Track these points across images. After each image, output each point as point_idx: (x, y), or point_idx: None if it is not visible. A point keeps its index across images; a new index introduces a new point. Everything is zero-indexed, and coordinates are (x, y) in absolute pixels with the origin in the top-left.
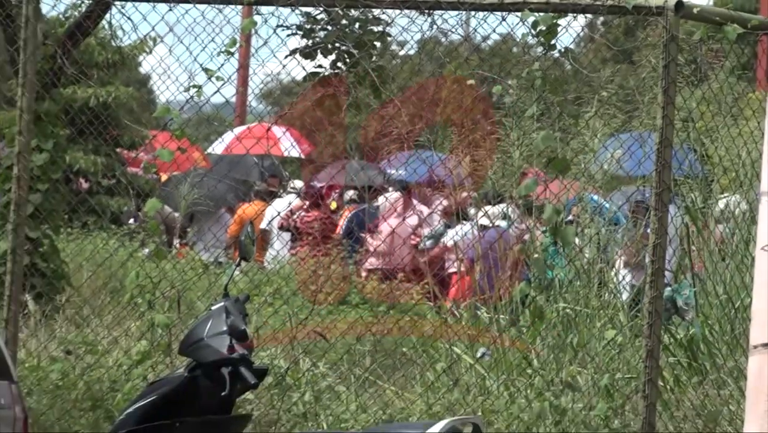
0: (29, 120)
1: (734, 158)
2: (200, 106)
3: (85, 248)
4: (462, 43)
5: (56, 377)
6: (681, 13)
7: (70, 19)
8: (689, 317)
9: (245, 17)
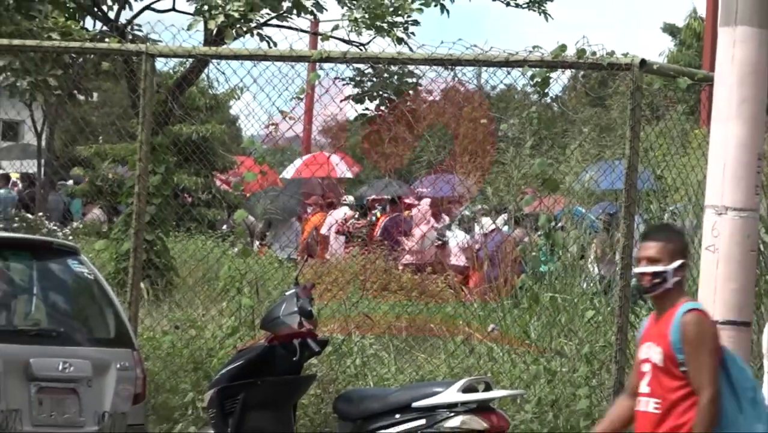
0: (147, 150)
1: (683, 179)
2: (276, 139)
3: (189, 247)
4: (476, 91)
5: (167, 346)
6: (644, 68)
7: (177, 73)
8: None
9: (311, 71)
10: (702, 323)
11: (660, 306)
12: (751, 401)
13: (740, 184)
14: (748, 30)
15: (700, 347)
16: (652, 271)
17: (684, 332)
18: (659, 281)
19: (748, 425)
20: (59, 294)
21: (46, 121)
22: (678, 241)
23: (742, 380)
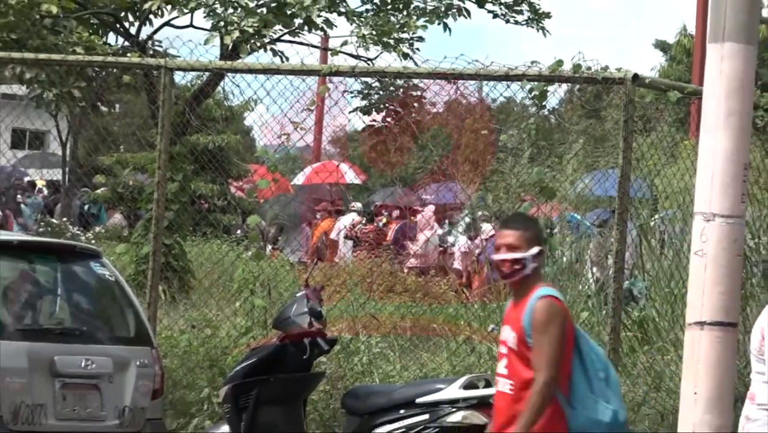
0: (165, 159)
1: (674, 187)
2: (288, 149)
3: (205, 251)
4: (478, 104)
5: (184, 344)
6: (636, 82)
7: (195, 86)
8: (642, 303)
9: (321, 84)
10: (551, 310)
11: (518, 292)
12: (602, 382)
13: (727, 192)
14: (735, 46)
15: (545, 332)
16: (512, 258)
17: (533, 317)
18: (519, 268)
19: (598, 404)
20: (82, 295)
21: (71, 131)
22: (535, 229)
23: (595, 361)
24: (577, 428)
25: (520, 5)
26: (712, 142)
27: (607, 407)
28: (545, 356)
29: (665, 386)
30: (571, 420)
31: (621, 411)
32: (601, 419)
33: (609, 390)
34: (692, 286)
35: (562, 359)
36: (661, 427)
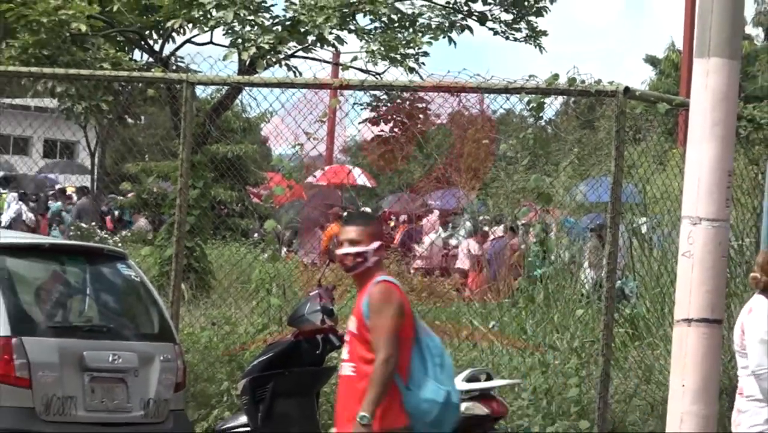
0: (187, 167)
1: (662, 193)
2: (302, 157)
3: (224, 253)
4: (479, 115)
5: (204, 340)
6: (628, 95)
7: (214, 99)
8: (633, 301)
9: (332, 97)
10: (387, 292)
11: (360, 283)
12: (438, 366)
13: (713, 197)
14: (719, 61)
15: (381, 313)
16: (355, 251)
17: (370, 301)
18: (361, 261)
19: (433, 386)
20: (109, 294)
21: (99, 142)
22: (376, 225)
23: (432, 348)
24: (412, 409)
25: (519, 24)
26: (698, 150)
27: (440, 387)
28: (383, 335)
29: (655, 378)
30: (408, 401)
31: (454, 393)
32: (436, 399)
33: (443, 374)
34: (680, 285)
35: (399, 341)
36: (651, 417)
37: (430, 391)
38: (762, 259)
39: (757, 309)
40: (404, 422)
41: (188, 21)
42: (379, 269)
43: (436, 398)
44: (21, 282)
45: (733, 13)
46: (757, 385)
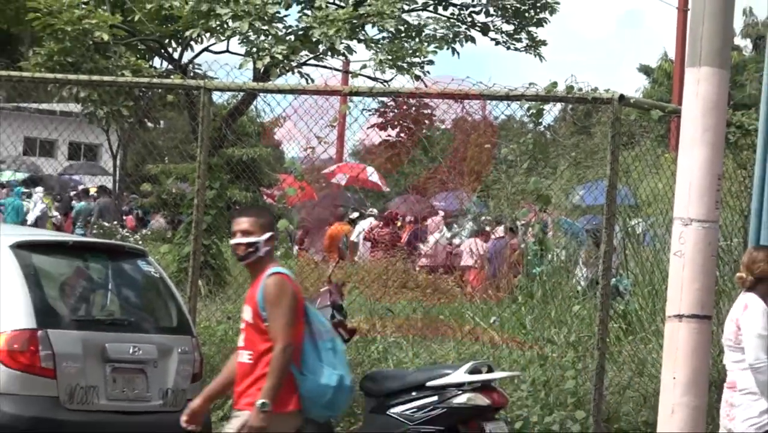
0: (204, 169)
1: (655, 195)
2: (313, 160)
3: None
4: (481, 121)
5: (220, 333)
6: (622, 102)
7: (230, 104)
8: (626, 298)
9: (342, 103)
10: (280, 285)
11: (253, 273)
12: (330, 350)
13: (703, 199)
14: (710, 70)
15: (277, 304)
16: (246, 241)
17: (265, 292)
18: (252, 250)
19: (326, 370)
20: (130, 289)
21: (121, 144)
22: (267, 217)
23: (323, 333)
24: (306, 393)
25: (520, 34)
26: (689, 155)
27: (333, 372)
28: (279, 325)
29: (647, 371)
30: (302, 385)
31: (347, 377)
32: (328, 383)
33: (336, 359)
34: (671, 283)
35: (294, 329)
36: (644, 408)
37: (323, 376)
38: (747, 258)
39: (753, 306)
40: (297, 406)
41: (206, 30)
42: (272, 259)
43: (329, 382)
44: (46, 277)
45: (723, 24)
46: (752, 378)
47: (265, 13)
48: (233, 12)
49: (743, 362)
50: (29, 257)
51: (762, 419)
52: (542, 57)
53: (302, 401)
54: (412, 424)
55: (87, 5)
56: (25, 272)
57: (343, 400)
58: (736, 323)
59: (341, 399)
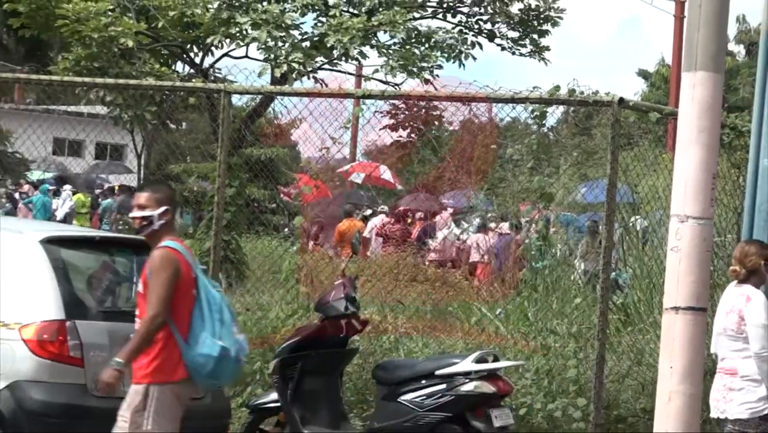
0: (224, 168)
1: (653, 193)
2: (328, 160)
3: (257, 246)
4: (488, 123)
5: (241, 324)
6: (622, 105)
7: (249, 107)
8: (625, 291)
9: (355, 106)
10: (164, 257)
11: (151, 245)
12: (218, 321)
13: (698, 197)
14: (705, 74)
15: (157, 275)
16: (141, 215)
17: (150, 264)
18: (147, 224)
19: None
20: None
21: (145, 145)
22: (163, 192)
23: (212, 305)
24: (190, 363)
25: (524, 40)
26: (686, 155)
27: (216, 343)
28: (155, 295)
29: (646, 361)
30: (185, 355)
31: (232, 348)
32: (210, 353)
33: (223, 330)
34: (668, 277)
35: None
36: (642, 396)
37: (206, 346)
38: (739, 252)
39: (755, 298)
40: (182, 375)
41: (226, 37)
42: (167, 233)
43: (211, 352)
44: (74, 271)
45: (717, 31)
46: (754, 366)
47: (283, 21)
48: (252, 20)
49: (745, 350)
50: (58, 252)
51: (759, 405)
52: (546, 61)
53: (188, 370)
54: (421, 410)
55: (113, 12)
56: (54, 265)
57: (229, 370)
58: (739, 314)
59: (226, 369)
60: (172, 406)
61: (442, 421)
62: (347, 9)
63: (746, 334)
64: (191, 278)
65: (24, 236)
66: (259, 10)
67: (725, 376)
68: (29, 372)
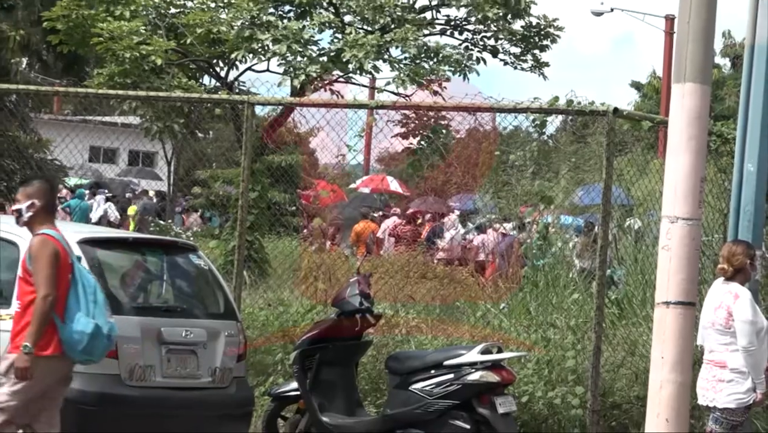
0: (248, 174)
1: (645, 195)
2: (344, 166)
3: (278, 246)
4: (492, 130)
5: (262, 318)
6: (616, 114)
7: (270, 117)
8: (620, 287)
9: (369, 116)
10: (42, 242)
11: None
12: (92, 302)
13: (688, 200)
14: (693, 86)
15: (38, 260)
16: (14, 208)
17: (30, 250)
18: (18, 216)
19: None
20: (183, 280)
21: (174, 152)
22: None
23: (87, 287)
24: (66, 339)
25: (525, 56)
26: (676, 161)
27: (90, 321)
28: (41, 276)
29: (639, 351)
30: (62, 332)
31: (104, 326)
32: (84, 330)
33: (96, 310)
34: (659, 274)
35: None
36: (636, 384)
37: (81, 324)
38: (727, 252)
39: (743, 296)
40: (58, 350)
41: (249, 52)
42: (43, 222)
43: (85, 329)
44: (109, 270)
45: (704, 45)
46: (742, 359)
47: (301, 37)
48: (273, 36)
49: (732, 344)
50: (94, 252)
51: (745, 396)
52: (545, 75)
53: (63, 346)
54: (431, 398)
55: (145, 30)
56: (91, 264)
57: (101, 347)
58: (728, 310)
59: (98, 346)
60: (37, 379)
61: (450, 408)
62: (362, 26)
63: (734, 329)
64: (68, 263)
65: None
66: (280, 26)
67: (714, 367)
68: None
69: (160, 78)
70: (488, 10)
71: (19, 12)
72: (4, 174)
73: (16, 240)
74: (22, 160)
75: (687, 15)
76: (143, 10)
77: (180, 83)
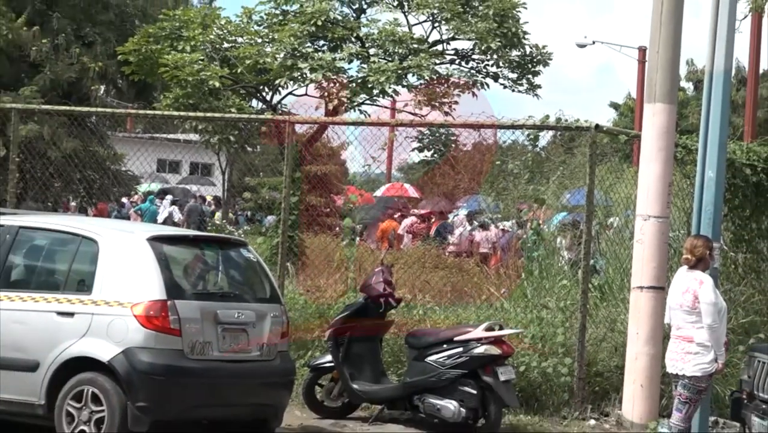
0: (289, 181)
1: (623, 198)
2: (369, 174)
3: (315, 241)
4: (493, 144)
5: (302, 302)
6: (598, 130)
7: (308, 134)
8: (602, 274)
9: (391, 132)
10: None
11: None
12: None
13: (658, 201)
14: (662, 106)
15: None
16: None
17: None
18: None
19: None
20: (235, 270)
21: (228, 163)
22: None
23: None
24: None
25: (521, 80)
26: (647, 168)
27: None
28: None
29: (617, 328)
30: None
31: None
32: None
33: None
34: (635, 263)
35: None
36: (615, 356)
37: None
38: (689, 244)
39: (707, 282)
40: None
41: (290, 79)
42: None
43: None
44: (173, 262)
45: (671, 72)
46: (706, 335)
47: (334, 66)
48: (310, 66)
49: (698, 322)
50: (161, 247)
51: (709, 366)
52: (538, 96)
53: None
54: (443, 368)
55: (203, 61)
56: (158, 258)
57: None
58: (694, 294)
59: None
60: None
61: (459, 376)
62: (384, 57)
63: (699, 309)
64: None
65: (135, 235)
66: (316, 58)
67: (683, 342)
68: (139, 340)
69: (217, 99)
70: (491, 41)
71: (98, 47)
72: (86, 182)
73: (95, 237)
74: (100, 171)
75: (656, 46)
76: (201, 45)
77: (234, 103)
